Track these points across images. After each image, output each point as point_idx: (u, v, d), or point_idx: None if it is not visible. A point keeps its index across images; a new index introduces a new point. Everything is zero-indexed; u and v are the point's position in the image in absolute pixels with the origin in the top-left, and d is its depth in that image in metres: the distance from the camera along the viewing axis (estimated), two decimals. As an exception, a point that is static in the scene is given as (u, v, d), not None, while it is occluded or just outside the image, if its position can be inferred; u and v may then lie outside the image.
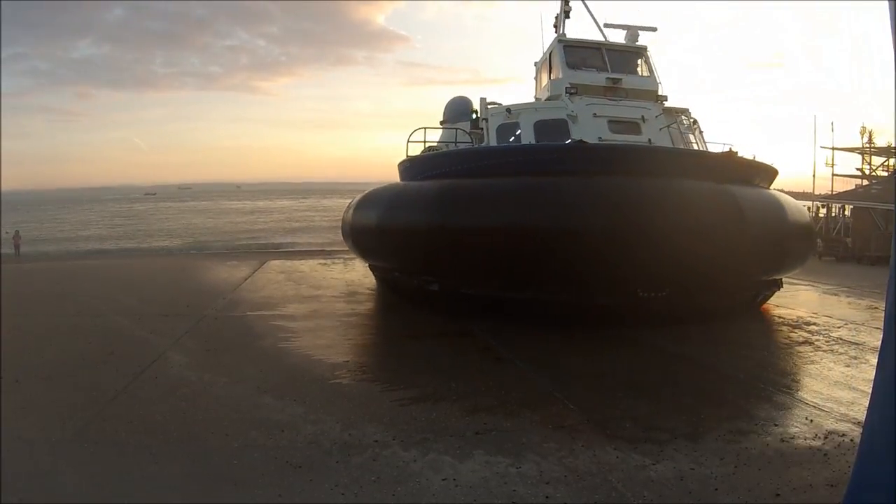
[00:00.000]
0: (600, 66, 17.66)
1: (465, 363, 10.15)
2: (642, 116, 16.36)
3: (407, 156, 17.65)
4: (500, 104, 17.91)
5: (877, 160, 37.57)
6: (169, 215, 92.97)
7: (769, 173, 15.47)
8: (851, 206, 33.86)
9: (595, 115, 16.15)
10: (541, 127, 16.37)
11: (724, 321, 12.85)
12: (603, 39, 18.93)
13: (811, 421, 7.31)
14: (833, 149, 36.64)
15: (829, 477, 5.78)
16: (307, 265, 22.93)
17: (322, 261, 24.13)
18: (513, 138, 16.87)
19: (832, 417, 7.45)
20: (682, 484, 5.63)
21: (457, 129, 18.68)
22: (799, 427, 7.12)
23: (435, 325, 12.90)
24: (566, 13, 19.44)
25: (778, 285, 15.20)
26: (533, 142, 16.02)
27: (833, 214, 35.24)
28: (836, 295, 17.96)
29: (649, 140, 15.75)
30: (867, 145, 37.05)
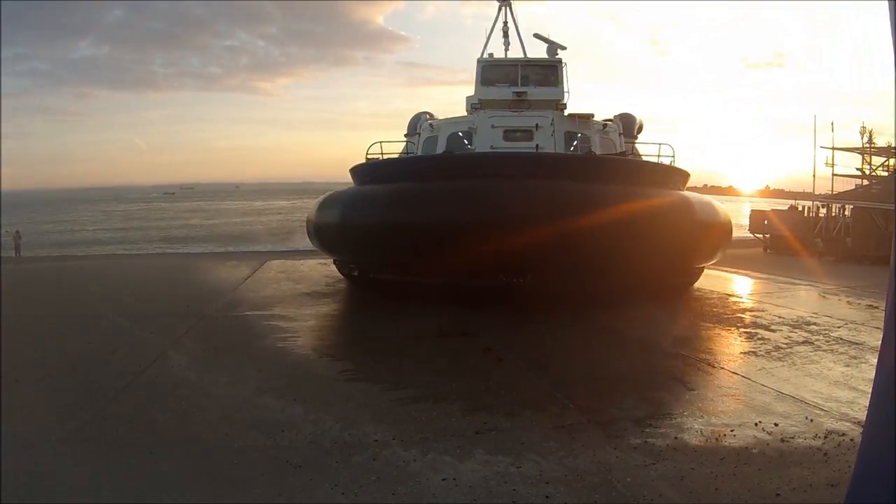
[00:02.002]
0: (512, 81, 19.81)
1: (466, 363, 10.16)
2: (536, 125, 17.89)
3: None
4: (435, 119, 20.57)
5: (877, 160, 37.48)
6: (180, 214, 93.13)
7: (655, 174, 16.74)
8: (851, 206, 33.83)
9: (493, 126, 18.25)
10: (451, 139, 18.96)
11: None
12: (524, 56, 21.62)
13: (811, 420, 7.30)
14: (833, 149, 36.50)
15: (830, 476, 5.78)
16: (307, 265, 22.96)
17: (322, 260, 24.08)
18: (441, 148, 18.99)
19: (832, 417, 7.44)
20: (682, 483, 5.63)
21: (407, 141, 21.09)
22: (799, 426, 7.11)
23: (435, 326, 12.89)
24: (505, 33, 22.44)
25: (689, 273, 17.18)
26: (443, 151, 18.43)
27: (833, 214, 35.19)
28: (836, 295, 17.93)
29: (537, 146, 17.19)
30: (867, 145, 36.92)
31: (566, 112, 19.15)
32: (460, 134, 19.10)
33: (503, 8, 22.31)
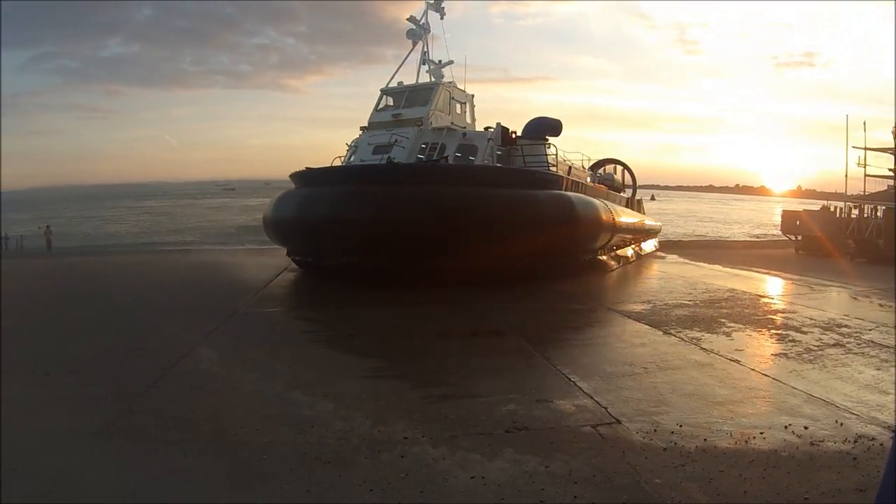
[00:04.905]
0: (396, 105, 23.68)
1: (496, 362, 10.18)
2: (396, 140, 21.50)
3: None
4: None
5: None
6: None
7: (477, 174, 19.74)
8: (884, 207, 33.47)
9: (368, 144, 22.55)
10: (350, 154, 23.29)
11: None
12: (415, 82, 24.80)
13: (841, 424, 7.24)
14: (865, 149, 36.09)
15: (859, 481, 5.73)
16: (336, 261, 23.11)
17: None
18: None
19: (862, 421, 7.37)
20: (710, 486, 5.61)
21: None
22: (829, 430, 7.05)
23: (466, 324, 12.99)
24: (423, 62, 25.13)
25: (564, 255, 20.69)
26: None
27: (865, 215, 34.82)
28: (867, 297, 17.77)
29: (389, 158, 20.29)
30: (900, 145, 36.40)
31: (432, 125, 22.27)
32: (353, 150, 23.44)
33: (418, 42, 25.12)
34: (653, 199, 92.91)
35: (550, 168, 22.83)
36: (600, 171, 36.37)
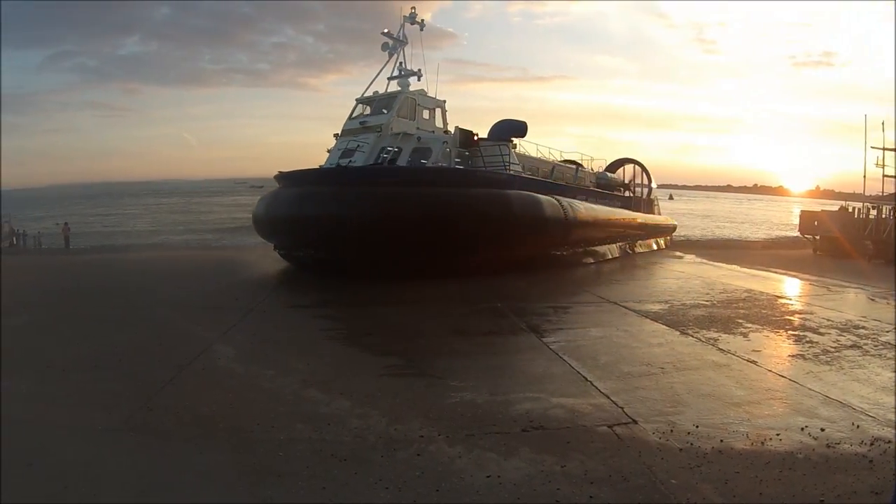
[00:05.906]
0: (365, 113, 25.10)
1: (514, 361, 10.25)
2: (358, 146, 23.33)
3: None
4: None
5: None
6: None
7: (417, 174, 21.21)
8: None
9: (337, 149, 24.35)
10: (329, 157, 24.73)
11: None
12: (385, 91, 26.10)
13: (857, 426, 7.21)
14: (884, 149, 35.71)
15: (874, 484, 5.71)
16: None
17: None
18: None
19: (879, 423, 7.34)
20: (726, 487, 5.61)
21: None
22: (845, 432, 7.02)
23: (484, 323, 13.00)
24: (400, 72, 26.39)
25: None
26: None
27: (883, 216, 34.51)
28: (885, 298, 17.62)
29: (350, 161, 22.65)
30: (919, 146, 35.98)
31: (393, 130, 23.68)
32: (330, 153, 24.93)
33: (394, 55, 26.28)
34: (671, 198, 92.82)
35: (513, 168, 23.95)
36: (619, 170, 36.61)
